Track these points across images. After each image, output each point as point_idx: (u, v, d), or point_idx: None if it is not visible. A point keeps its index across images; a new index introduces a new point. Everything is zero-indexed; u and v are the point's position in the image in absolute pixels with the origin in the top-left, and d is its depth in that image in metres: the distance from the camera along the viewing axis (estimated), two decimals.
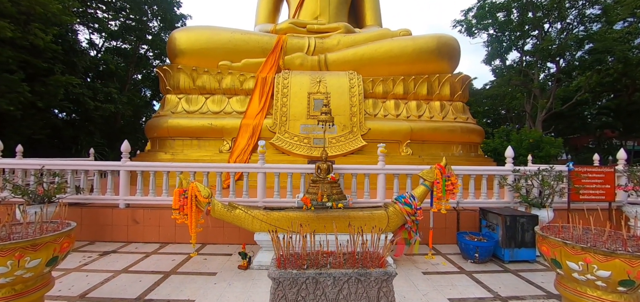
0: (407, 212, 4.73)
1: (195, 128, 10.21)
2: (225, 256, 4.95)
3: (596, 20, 20.18)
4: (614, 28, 19.57)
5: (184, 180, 4.57)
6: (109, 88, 16.32)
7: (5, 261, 2.43)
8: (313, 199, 5.00)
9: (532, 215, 5.07)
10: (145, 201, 5.74)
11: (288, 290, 2.18)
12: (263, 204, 5.70)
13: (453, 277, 4.42)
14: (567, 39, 20.16)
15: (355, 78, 10.67)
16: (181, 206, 4.49)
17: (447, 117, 11.00)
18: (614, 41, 18.37)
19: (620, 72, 20.00)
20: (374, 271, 2.30)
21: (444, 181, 4.89)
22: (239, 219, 4.51)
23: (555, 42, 20.29)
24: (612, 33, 18.76)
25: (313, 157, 9.57)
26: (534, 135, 15.94)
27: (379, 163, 6.03)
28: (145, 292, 3.59)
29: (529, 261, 5.04)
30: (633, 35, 19.85)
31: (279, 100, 10.28)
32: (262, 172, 5.77)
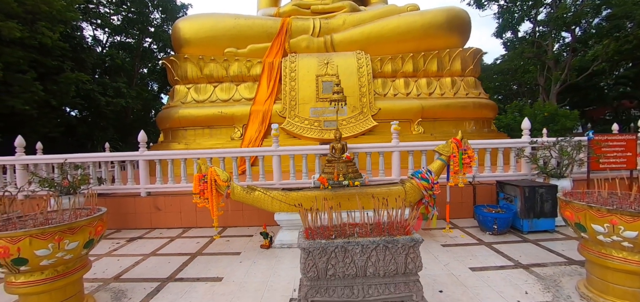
0: (424, 187, 4.74)
1: (205, 117, 10.30)
2: (247, 237, 5.08)
3: None
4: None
5: (203, 165, 4.66)
6: (117, 83, 16.51)
7: (47, 243, 2.56)
8: (329, 178, 5.05)
9: (552, 185, 5.02)
10: (166, 189, 5.89)
11: (318, 259, 2.25)
12: (279, 186, 5.78)
13: (472, 248, 4.46)
14: (583, 5, 19.28)
15: (363, 58, 10.52)
16: (201, 191, 4.59)
17: (458, 93, 10.81)
18: (634, 5, 17.48)
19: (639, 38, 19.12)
20: (400, 238, 2.33)
21: (460, 154, 4.86)
22: (258, 201, 4.60)
23: (571, 10, 19.43)
24: None
25: (324, 139, 9.60)
26: (549, 109, 15.55)
27: (393, 141, 6.01)
28: (176, 272, 3.74)
29: (549, 230, 5.03)
30: None
31: (287, 85, 10.24)
32: (277, 155, 5.83)
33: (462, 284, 3.40)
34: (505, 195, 5.38)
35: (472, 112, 10.70)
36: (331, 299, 2.29)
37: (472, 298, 3.10)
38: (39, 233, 2.52)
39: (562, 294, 3.15)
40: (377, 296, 2.32)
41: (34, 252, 2.51)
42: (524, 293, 3.19)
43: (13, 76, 11.52)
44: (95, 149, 14.84)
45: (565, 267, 3.83)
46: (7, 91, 11.48)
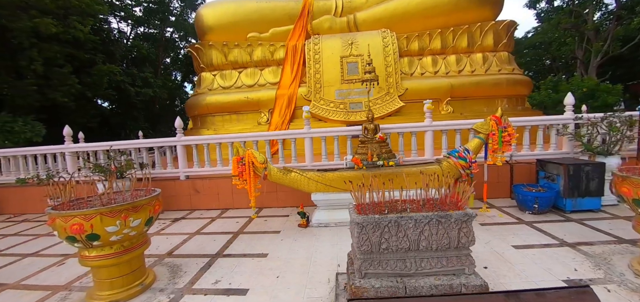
0: (461, 166, 4.65)
1: (232, 103, 10.51)
2: (283, 217, 5.25)
3: None
4: None
5: (240, 148, 4.80)
6: (144, 73, 17.09)
7: (115, 220, 2.78)
8: (363, 159, 5.06)
9: (598, 163, 4.76)
10: (203, 172, 6.15)
11: (371, 233, 2.30)
12: (312, 167, 5.87)
13: (513, 227, 4.37)
14: None
15: (388, 36, 10.22)
16: (240, 173, 4.76)
17: (490, 70, 10.30)
18: None
19: None
20: (454, 212, 2.33)
21: (500, 132, 4.69)
22: (294, 182, 4.70)
23: None
24: None
25: (350, 122, 9.56)
26: (588, 84, 14.49)
27: (426, 120, 5.89)
28: (223, 249, 3.96)
29: (593, 210, 4.82)
30: None
31: (311, 67, 10.18)
32: (309, 137, 5.89)
33: (507, 260, 3.36)
34: (546, 174, 5.17)
35: (505, 90, 10.20)
36: (384, 271, 2.35)
37: (519, 274, 3.07)
38: (108, 211, 2.74)
39: (614, 272, 3.05)
40: (430, 269, 2.36)
41: (104, 228, 2.74)
42: (572, 270, 3.12)
43: (52, 70, 12.23)
44: (128, 137, 15.63)
45: (615, 245, 3.68)
46: (47, 85, 12.23)
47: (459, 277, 2.35)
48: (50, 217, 2.79)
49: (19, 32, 10.98)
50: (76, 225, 2.69)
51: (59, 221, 2.73)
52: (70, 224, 2.68)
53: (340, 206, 4.69)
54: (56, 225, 2.76)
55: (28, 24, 10.92)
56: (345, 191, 4.62)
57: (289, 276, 3.11)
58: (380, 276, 2.35)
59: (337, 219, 4.63)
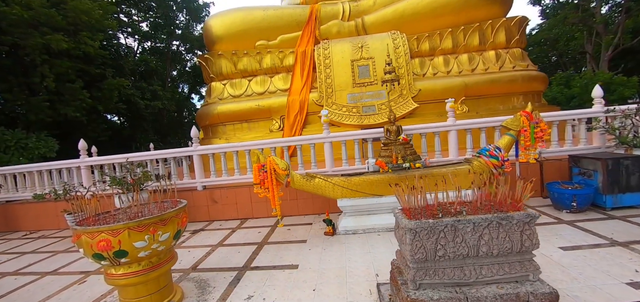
0: (493, 165, 4.43)
1: (243, 111, 10.43)
2: (306, 226, 5.06)
3: None
4: None
5: (261, 155, 4.65)
6: (153, 86, 17.18)
7: (143, 235, 2.62)
8: (388, 161, 4.87)
9: (638, 156, 4.50)
10: (221, 182, 6.01)
11: (426, 240, 2.10)
12: (332, 172, 5.69)
13: (553, 227, 4.12)
14: None
15: (399, 38, 10.09)
16: (261, 181, 4.60)
17: (504, 67, 10.09)
18: None
19: None
20: (515, 214, 2.13)
21: (532, 128, 4.47)
22: (319, 188, 4.53)
23: None
24: None
25: (364, 125, 9.40)
26: (602, 77, 14.21)
27: (449, 119, 5.69)
28: (249, 261, 3.78)
29: (636, 206, 4.54)
30: None
31: (322, 72, 10.08)
32: (328, 141, 5.72)
33: (558, 263, 3.13)
34: (581, 170, 4.92)
35: (520, 86, 9.96)
36: (441, 281, 2.15)
37: (576, 278, 2.84)
38: (135, 225, 2.59)
39: None
40: (491, 277, 2.15)
41: (133, 244, 2.59)
42: (634, 272, 2.87)
43: (64, 86, 12.32)
44: (138, 149, 15.64)
45: None
46: (59, 100, 12.32)
47: (523, 285, 2.14)
48: (76, 233, 2.65)
49: (31, 49, 11.10)
50: (103, 241, 2.54)
51: (84, 237, 2.58)
52: (97, 241, 2.53)
53: (368, 211, 4.50)
54: (82, 242, 2.61)
55: (39, 41, 11.04)
56: (372, 195, 4.44)
57: (326, 289, 2.91)
58: (436, 287, 2.15)
59: (365, 226, 4.43)
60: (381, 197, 4.40)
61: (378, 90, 9.83)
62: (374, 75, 9.84)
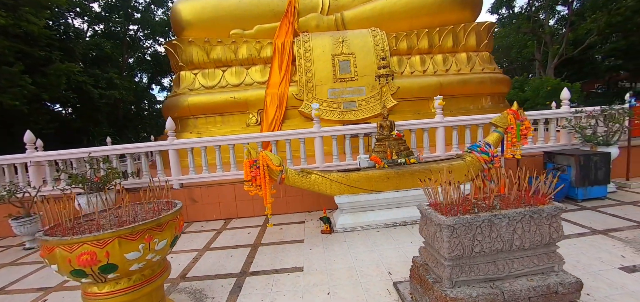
0: (484, 160, 4.59)
1: (217, 103, 9.79)
2: (299, 224, 4.82)
3: None
4: None
5: (253, 150, 4.32)
6: (109, 74, 15.49)
7: (137, 244, 2.21)
8: (382, 157, 4.82)
9: (605, 153, 4.97)
10: (201, 179, 5.51)
11: (463, 236, 2.03)
12: (323, 168, 5.51)
13: None
14: None
15: (379, 35, 10.17)
16: (253, 177, 4.27)
17: (474, 69, 10.68)
18: None
19: (632, 9, 19.43)
20: (545, 207, 2.15)
21: (518, 125, 4.71)
22: (315, 185, 4.32)
23: None
24: None
25: (345, 121, 9.33)
26: (552, 83, 15.76)
27: (437, 116, 5.81)
28: (247, 265, 3.46)
29: (600, 197, 5.02)
30: None
31: (302, 66, 9.81)
32: (319, 136, 5.52)
33: None
34: (555, 165, 5.31)
35: (489, 88, 10.62)
36: (476, 277, 2.09)
37: (575, 266, 2.99)
38: (128, 233, 2.17)
39: None
40: (521, 270, 2.14)
41: (124, 255, 2.17)
42: (621, 257, 3.11)
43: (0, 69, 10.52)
44: (91, 144, 13.96)
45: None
46: None
47: (549, 276, 2.16)
48: (46, 246, 2.13)
49: None
50: (86, 254, 2.07)
51: (60, 250, 2.08)
52: (79, 254, 2.05)
53: (366, 208, 4.39)
54: (55, 256, 2.11)
55: None
56: (371, 191, 4.34)
57: (341, 292, 2.74)
58: (472, 283, 2.08)
59: (364, 222, 4.32)
60: (379, 193, 4.33)
61: (358, 87, 9.83)
62: (354, 71, 9.82)
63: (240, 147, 5.92)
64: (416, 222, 4.37)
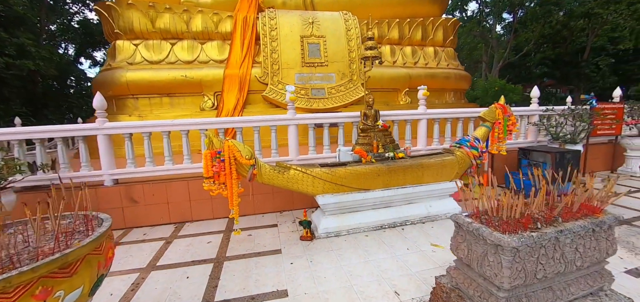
0: (473, 156, 4.31)
1: (164, 82, 8.32)
2: (271, 229, 4.03)
3: None
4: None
5: (215, 139, 3.41)
6: (20, 39, 12.48)
7: None
8: (367, 150, 4.26)
9: (577, 150, 5.08)
10: (144, 173, 4.35)
11: (527, 259, 1.52)
12: (298, 162, 4.77)
13: None
14: None
15: (351, 20, 9.59)
16: (215, 173, 3.38)
17: (440, 64, 10.77)
18: None
19: (562, 23, 21.94)
20: (607, 218, 1.75)
21: (505, 120, 4.52)
22: (294, 182, 3.58)
23: None
24: None
25: (313, 110, 8.64)
26: (499, 84, 16.97)
27: (420, 108, 5.44)
28: (209, 293, 2.60)
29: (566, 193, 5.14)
30: None
31: (267, 46, 8.80)
32: (294, 124, 4.75)
33: None
34: (530, 161, 5.31)
35: (453, 84, 10.81)
36: None
37: None
38: None
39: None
40: (577, 293, 1.72)
41: None
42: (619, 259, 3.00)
43: None
44: None
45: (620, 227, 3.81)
46: None
47: (601, 298, 1.78)
48: None
49: None
50: None
51: None
52: None
53: (353, 209, 3.80)
54: None
55: None
56: (358, 189, 3.75)
57: None
58: None
59: (350, 225, 3.72)
60: (368, 192, 3.77)
61: (328, 73, 9.18)
62: (324, 56, 9.12)
63: (197, 135, 4.86)
64: (405, 223, 3.92)
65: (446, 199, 4.30)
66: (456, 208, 4.29)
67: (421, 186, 3.96)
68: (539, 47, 25.24)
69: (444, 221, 4.05)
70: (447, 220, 4.07)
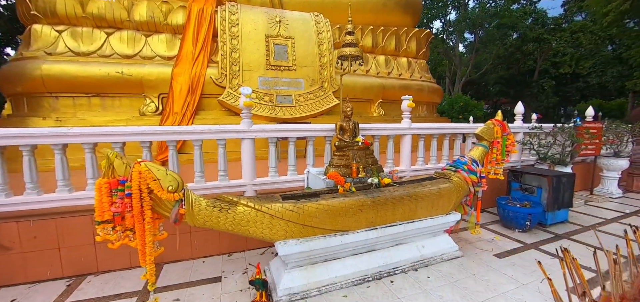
0: (472, 182, 3.55)
1: (95, 79, 6.74)
2: (211, 285, 2.85)
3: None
4: (511, 7, 22.48)
5: (117, 159, 2.22)
6: None
7: None
8: (345, 173, 3.31)
9: (571, 174, 4.60)
10: (23, 205, 2.93)
11: None
12: (253, 188, 3.67)
13: (527, 254, 3.56)
14: (480, 13, 22.22)
15: (322, 22, 8.75)
16: (118, 213, 2.18)
17: (414, 75, 10.35)
18: (517, 18, 21.09)
19: (515, 46, 23.43)
20: None
21: (504, 140, 3.86)
22: (244, 223, 2.48)
23: (471, 16, 22.20)
24: (515, 12, 21.49)
25: (279, 119, 7.57)
26: (464, 99, 17.30)
27: (404, 121, 4.64)
28: None
29: (564, 221, 4.64)
30: (527, 14, 23.30)
31: (226, 44, 7.60)
32: (250, 138, 3.64)
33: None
34: (522, 185, 4.73)
35: (426, 96, 10.43)
36: None
37: None
38: None
39: None
40: None
41: None
42: None
43: None
44: None
45: None
46: None
47: None
48: None
49: None
50: None
51: None
52: None
53: (326, 257, 2.78)
54: None
55: None
56: (334, 231, 2.75)
57: None
58: None
59: (323, 281, 2.69)
60: (346, 234, 2.78)
61: (296, 78, 8.19)
62: (292, 60, 8.14)
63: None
64: (394, 272, 2.99)
65: (440, 236, 3.47)
66: (452, 246, 3.47)
67: (414, 223, 3.07)
68: (495, 67, 26.79)
69: (440, 265, 3.21)
70: (443, 264, 3.23)
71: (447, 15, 24.81)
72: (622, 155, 6.10)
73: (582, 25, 22.83)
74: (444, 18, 24.96)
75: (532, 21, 23.46)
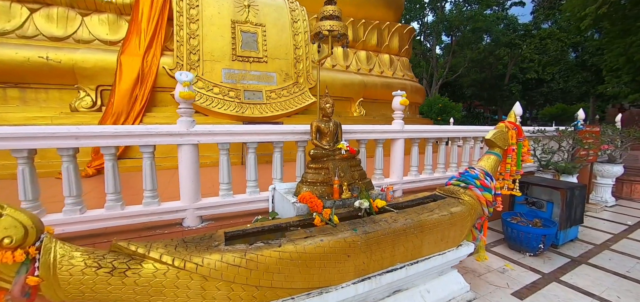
0: (486, 202, 2.75)
1: (9, 65, 5.37)
2: None
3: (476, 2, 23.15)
4: (485, 12, 22.90)
5: None
6: None
7: None
8: (324, 194, 2.39)
9: (582, 186, 4.00)
10: None
11: None
12: (196, 213, 2.64)
13: (549, 290, 2.84)
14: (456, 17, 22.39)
15: (298, 9, 7.80)
16: None
17: (396, 73, 9.71)
18: (492, 22, 21.41)
19: (488, 51, 23.87)
20: None
21: (519, 146, 3.12)
22: (156, 293, 1.47)
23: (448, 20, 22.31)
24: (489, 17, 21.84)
25: (246, 118, 6.52)
26: (443, 101, 17.10)
27: (396, 122, 3.79)
28: None
29: (574, 240, 4.03)
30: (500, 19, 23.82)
31: (184, 28, 6.43)
32: (190, 143, 2.59)
33: None
34: (529, 199, 4.07)
35: (409, 96, 9.44)
36: None
37: None
38: None
39: None
40: None
41: None
42: None
43: None
44: None
45: None
46: None
47: None
48: None
49: None
50: None
51: None
52: None
53: None
54: None
55: None
56: (308, 290, 1.80)
57: None
58: None
59: None
60: (325, 293, 1.85)
61: (267, 72, 7.18)
62: (263, 50, 7.11)
63: None
64: None
65: (448, 275, 2.65)
66: (463, 287, 2.66)
67: (419, 263, 2.21)
68: (469, 71, 27.25)
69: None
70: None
71: (425, 17, 24.81)
72: (617, 161, 5.70)
73: (549, 32, 23.70)
74: (422, 20, 24.95)
75: (504, 27, 24.06)
